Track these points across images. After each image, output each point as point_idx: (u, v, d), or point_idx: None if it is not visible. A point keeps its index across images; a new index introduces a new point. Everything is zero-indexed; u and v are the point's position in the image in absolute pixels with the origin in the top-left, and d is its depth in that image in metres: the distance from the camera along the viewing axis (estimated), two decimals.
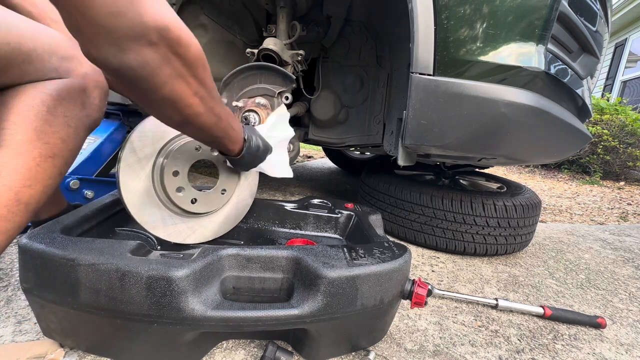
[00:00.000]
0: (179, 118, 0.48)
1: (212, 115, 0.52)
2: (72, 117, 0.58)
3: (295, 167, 3.20)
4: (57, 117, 0.55)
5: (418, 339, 0.73)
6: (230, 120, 0.59)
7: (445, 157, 1.24)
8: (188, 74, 0.44)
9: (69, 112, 0.57)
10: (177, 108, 0.46)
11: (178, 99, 0.44)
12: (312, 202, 0.98)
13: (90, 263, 0.50)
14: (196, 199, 0.74)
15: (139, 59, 0.38)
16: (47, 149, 0.54)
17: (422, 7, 0.83)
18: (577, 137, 1.06)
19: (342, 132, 1.52)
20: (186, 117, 0.48)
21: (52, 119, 0.55)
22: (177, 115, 0.47)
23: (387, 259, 0.61)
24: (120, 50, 0.36)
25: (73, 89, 0.58)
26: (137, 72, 0.39)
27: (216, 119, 0.53)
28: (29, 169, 0.52)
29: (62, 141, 0.56)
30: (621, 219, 2.26)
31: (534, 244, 1.49)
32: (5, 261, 0.87)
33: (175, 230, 0.73)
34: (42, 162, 0.54)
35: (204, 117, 0.50)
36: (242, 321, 0.53)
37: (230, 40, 1.41)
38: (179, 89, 0.44)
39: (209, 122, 0.52)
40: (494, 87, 0.85)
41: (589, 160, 4.25)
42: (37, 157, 0.53)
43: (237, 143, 0.65)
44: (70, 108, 0.57)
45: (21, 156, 0.51)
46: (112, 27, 0.35)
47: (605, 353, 0.76)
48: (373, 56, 1.39)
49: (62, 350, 0.59)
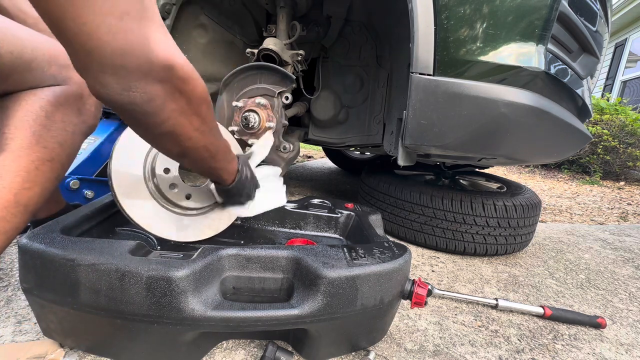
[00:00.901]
0: (178, 150, 0.49)
1: (210, 149, 0.53)
2: (69, 122, 0.60)
3: (295, 167, 3.21)
4: (55, 122, 0.58)
5: (418, 339, 0.73)
6: (227, 153, 0.60)
7: (445, 157, 1.24)
8: (192, 111, 0.44)
9: (67, 117, 0.60)
10: (177, 142, 0.46)
11: (179, 133, 0.45)
12: (312, 202, 0.98)
13: (90, 263, 0.50)
14: (190, 194, 0.75)
15: (145, 96, 0.38)
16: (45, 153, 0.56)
17: (422, 7, 0.83)
18: (577, 137, 1.06)
19: (342, 132, 1.52)
20: (185, 150, 0.49)
21: (51, 124, 0.57)
22: (177, 148, 0.48)
23: (387, 259, 0.61)
24: (127, 88, 0.36)
25: (70, 96, 0.60)
26: (143, 108, 0.39)
27: (214, 152, 0.54)
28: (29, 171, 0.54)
29: (59, 145, 0.58)
30: (621, 219, 2.26)
31: (534, 244, 1.49)
32: (5, 261, 0.87)
33: (172, 228, 0.73)
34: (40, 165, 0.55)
35: (202, 151, 0.51)
36: (242, 321, 0.53)
37: (230, 40, 1.41)
38: (181, 124, 0.44)
39: (206, 155, 0.53)
40: (494, 87, 0.85)
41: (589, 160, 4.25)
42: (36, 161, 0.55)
43: (231, 174, 0.65)
44: (67, 114, 0.60)
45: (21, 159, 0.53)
46: (120, 66, 0.34)
47: (605, 353, 0.76)
48: (373, 56, 1.39)
49: (62, 350, 0.59)
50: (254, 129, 1.07)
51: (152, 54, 0.36)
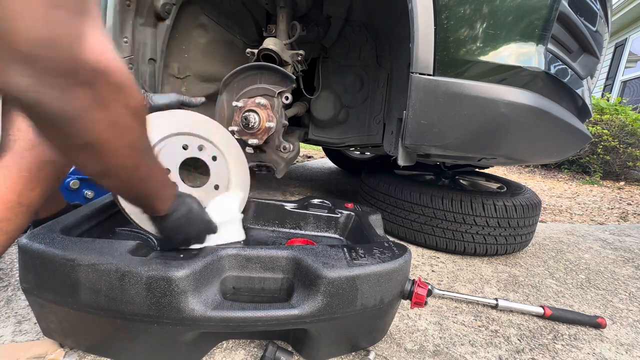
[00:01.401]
0: (100, 168, 0.41)
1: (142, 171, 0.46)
2: None
3: (295, 167, 3.20)
4: None
5: (418, 339, 0.73)
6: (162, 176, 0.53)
7: (445, 157, 1.24)
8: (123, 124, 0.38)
9: None
10: (99, 158, 0.39)
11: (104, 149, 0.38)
12: (312, 202, 0.98)
13: (90, 263, 0.50)
14: None
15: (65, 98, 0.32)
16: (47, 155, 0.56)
17: (422, 7, 0.83)
18: (577, 137, 1.06)
19: (342, 132, 1.52)
20: (109, 169, 0.42)
21: None
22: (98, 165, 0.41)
23: (387, 259, 0.61)
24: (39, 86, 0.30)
25: None
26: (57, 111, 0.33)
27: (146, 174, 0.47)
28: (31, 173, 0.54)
29: None
30: (621, 219, 2.26)
31: (534, 244, 1.49)
32: (5, 261, 0.87)
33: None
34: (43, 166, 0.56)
35: (131, 172, 0.44)
36: (242, 321, 0.53)
37: (230, 40, 1.41)
38: (107, 138, 0.37)
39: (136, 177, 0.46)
40: (494, 87, 0.85)
41: (589, 160, 4.25)
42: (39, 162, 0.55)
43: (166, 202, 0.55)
44: None
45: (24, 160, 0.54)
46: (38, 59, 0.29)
47: (605, 353, 0.76)
48: (373, 56, 1.39)
49: (62, 350, 0.59)
50: (254, 129, 1.07)
51: (81, 52, 0.31)
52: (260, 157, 1.20)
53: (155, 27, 1.13)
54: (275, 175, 1.22)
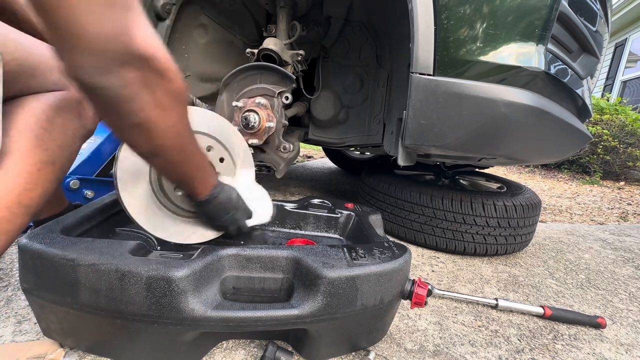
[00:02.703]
0: (149, 147, 0.47)
1: (185, 152, 0.51)
2: (69, 126, 0.62)
3: (295, 167, 3.20)
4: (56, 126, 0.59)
5: (418, 339, 0.73)
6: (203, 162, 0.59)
7: (445, 157, 1.24)
8: (167, 106, 0.43)
9: (67, 121, 0.61)
10: (149, 137, 0.45)
11: (152, 127, 0.44)
12: (312, 202, 0.98)
13: (90, 263, 0.50)
14: None
15: (120, 81, 0.38)
16: (46, 156, 0.57)
17: (422, 7, 0.83)
18: (577, 137, 1.06)
19: (342, 132, 1.52)
20: (156, 148, 0.47)
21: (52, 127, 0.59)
22: (148, 144, 0.46)
23: (387, 259, 0.61)
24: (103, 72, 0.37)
25: (70, 101, 0.62)
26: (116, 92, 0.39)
27: (188, 156, 0.53)
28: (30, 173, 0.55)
29: (60, 148, 0.60)
30: (621, 219, 2.26)
31: (534, 244, 1.49)
32: (5, 261, 0.87)
33: (176, 230, 0.73)
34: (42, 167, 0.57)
35: (175, 152, 0.50)
36: (242, 321, 0.53)
37: (230, 40, 1.41)
38: (155, 118, 0.43)
39: (179, 158, 0.51)
40: (494, 87, 0.85)
41: (589, 160, 4.25)
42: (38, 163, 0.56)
43: (206, 186, 0.61)
44: (67, 118, 0.62)
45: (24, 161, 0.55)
46: (100, 50, 0.35)
47: (605, 353, 0.76)
48: (373, 56, 1.39)
49: (62, 350, 0.59)
50: (254, 129, 1.07)
51: (133, 42, 0.37)
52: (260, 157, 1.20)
53: (155, 27, 1.13)
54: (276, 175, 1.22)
